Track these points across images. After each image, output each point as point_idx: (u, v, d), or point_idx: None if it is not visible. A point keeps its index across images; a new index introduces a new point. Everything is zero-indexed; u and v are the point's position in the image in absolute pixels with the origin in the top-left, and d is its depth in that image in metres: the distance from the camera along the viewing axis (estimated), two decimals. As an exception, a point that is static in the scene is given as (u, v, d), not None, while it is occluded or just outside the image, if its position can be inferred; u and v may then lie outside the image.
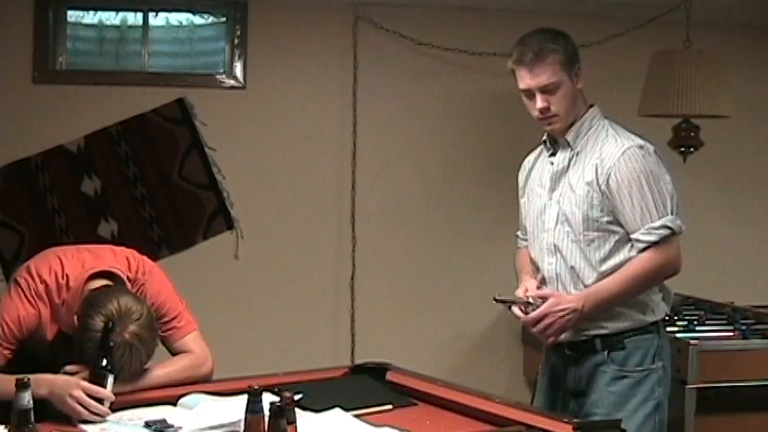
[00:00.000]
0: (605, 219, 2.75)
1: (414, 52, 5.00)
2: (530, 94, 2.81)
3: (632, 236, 2.72)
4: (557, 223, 2.83)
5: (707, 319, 4.25)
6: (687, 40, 4.48)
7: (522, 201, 3.05)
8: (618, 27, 4.93)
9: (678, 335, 3.87)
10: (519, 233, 3.13)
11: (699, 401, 3.59)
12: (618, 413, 2.65)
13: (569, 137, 2.83)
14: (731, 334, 4.01)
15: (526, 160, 3.07)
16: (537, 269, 2.92)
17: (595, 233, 2.76)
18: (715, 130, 4.74)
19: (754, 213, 5.48)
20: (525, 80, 2.79)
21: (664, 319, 2.93)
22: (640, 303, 2.78)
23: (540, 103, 2.78)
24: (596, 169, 2.75)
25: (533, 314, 2.73)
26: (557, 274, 2.84)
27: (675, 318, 4.21)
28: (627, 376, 2.76)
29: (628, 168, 2.72)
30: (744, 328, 4.05)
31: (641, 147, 2.75)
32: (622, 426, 2.32)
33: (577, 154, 2.82)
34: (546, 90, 2.77)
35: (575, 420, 2.30)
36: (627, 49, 4.92)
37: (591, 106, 2.88)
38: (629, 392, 2.74)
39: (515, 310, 2.80)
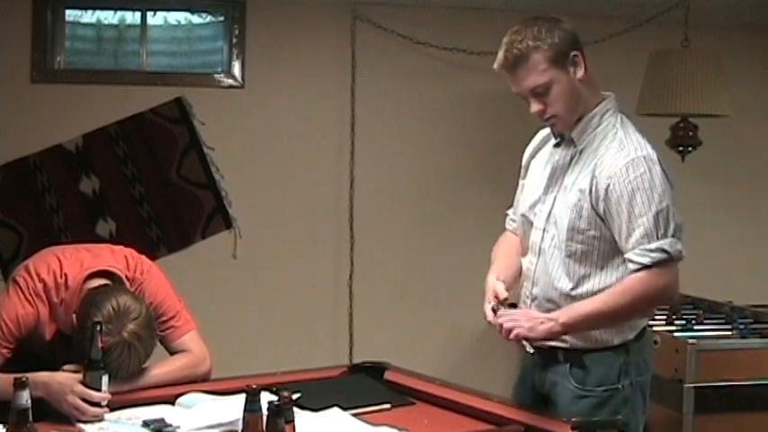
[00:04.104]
0: (591, 233, 2.51)
1: (412, 51, 5.01)
2: (522, 96, 2.56)
3: (626, 255, 2.47)
4: (546, 223, 2.63)
5: (705, 319, 4.25)
6: (685, 39, 4.49)
7: (521, 181, 2.79)
8: (616, 26, 4.93)
9: (676, 334, 3.88)
10: (510, 212, 2.87)
11: (697, 401, 3.59)
12: None
13: (574, 134, 2.57)
14: (729, 333, 4.01)
15: (535, 138, 2.79)
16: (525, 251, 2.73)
17: (579, 245, 2.53)
18: (713, 129, 4.75)
19: (752, 212, 5.48)
20: (512, 85, 2.55)
21: (649, 325, 2.72)
22: None
23: (533, 106, 2.53)
24: (593, 177, 2.50)
25: (505, 314, 2.52)
26: (534, 276, 2.66)
27: (674, 317, 4.21)
28: (587, 396, 2.55)
29: (629, 182, 2.44)
30: (742, 327, 4.06)
31: (647, 158, 2.47)
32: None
33: (580, 152, 2.56)
34: (536, 93, 2.51)
35: (573, 420, 2.30)
36: (625, 49, 4.92)
37: (604, 98, 2.59)
38: (590, 414, 2.50)
39: (487, 309, 2.65)
